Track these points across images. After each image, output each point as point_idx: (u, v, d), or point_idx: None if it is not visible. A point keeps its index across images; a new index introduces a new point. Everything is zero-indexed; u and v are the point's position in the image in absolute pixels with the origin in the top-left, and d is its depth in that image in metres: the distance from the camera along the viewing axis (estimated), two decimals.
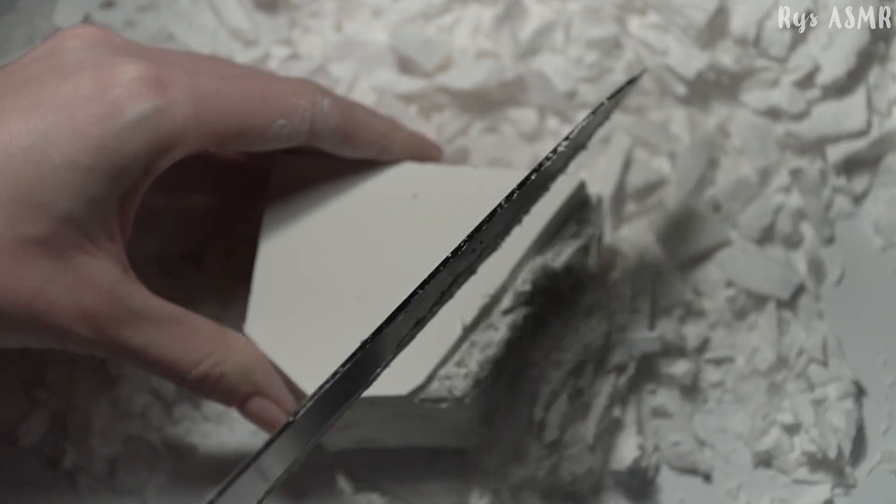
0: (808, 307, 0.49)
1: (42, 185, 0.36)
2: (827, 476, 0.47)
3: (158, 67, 0.38)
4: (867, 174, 0.52)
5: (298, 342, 0.42)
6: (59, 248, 0.37)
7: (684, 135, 0.51)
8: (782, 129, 0.51)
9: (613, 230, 0.50)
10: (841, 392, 0.47)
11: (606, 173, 0.50)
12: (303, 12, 0.54)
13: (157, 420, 0.48)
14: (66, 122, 0.37)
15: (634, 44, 0.52)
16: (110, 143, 0.37)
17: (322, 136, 0.42)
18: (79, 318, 0.38)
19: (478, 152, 0.51)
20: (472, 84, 0.50)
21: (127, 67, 0.38)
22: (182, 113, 0.38)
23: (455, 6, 0.54)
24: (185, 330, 0.40)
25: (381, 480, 0.47)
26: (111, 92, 0.37)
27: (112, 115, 0.37)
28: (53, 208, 0.36)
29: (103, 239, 0.38)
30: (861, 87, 0.52)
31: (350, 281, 0.43)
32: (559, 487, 0.46)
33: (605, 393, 0.45)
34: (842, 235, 0.51)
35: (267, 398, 0.42)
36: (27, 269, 0.36)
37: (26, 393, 0.48)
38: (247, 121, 0.40)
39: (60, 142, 0.36)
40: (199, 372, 0.40)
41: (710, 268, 0.49)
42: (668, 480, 0.47)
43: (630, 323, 0.47)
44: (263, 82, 0.41)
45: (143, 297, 0.39)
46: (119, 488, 0.47)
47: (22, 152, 0.36)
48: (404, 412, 0.43)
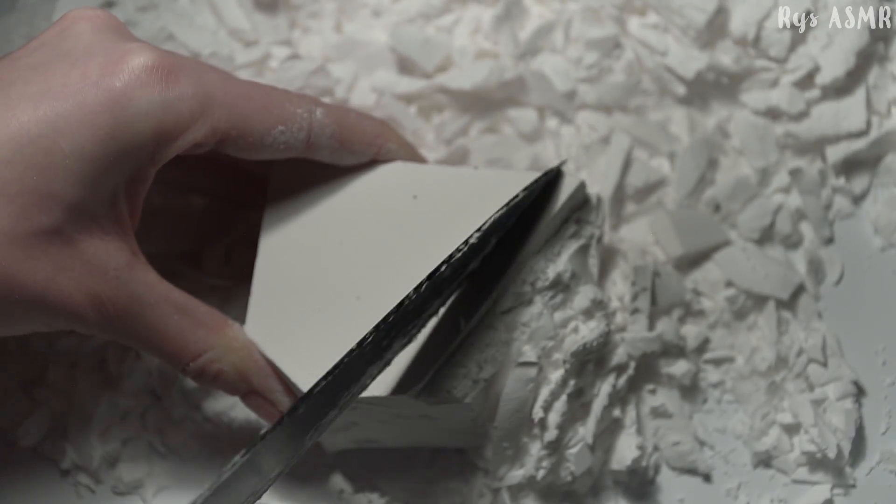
0: (808, 307, 0.49)
1: (52, 175, 0.36)
2: (826, 476, 0.47)
3: (168, 56, 0.39)
4: (866, 174, 0.52)
5: (298, 342, 0.42)
6: (68, 236, 0.37)
7: (684, 135, 0.51)
8: (782, 130, 0.51)
9: (613, 230, 0.50)
10: (840, 392, 0.47)
11: (606, 173, 0.50)
12: (303, 12, 0.54)
13: (157, 420, 0.48)
14: (76, 111, 0.36)
15: (634, 44, 0.52)
16: (118, 132, 0.37)
17: (319, 145, 0.43)
18: (87, 304, 0.38)
19: (478, 152, 0.50)
20: (472, 84, 0.50)
21: (137, 54, 0.38)
22: (189, 106, 0.38)
23: (455, 6, 0.54)
24: (188, 320, 0.40)
25: (380, 480, 0.47)
26: (120, 79, 0.37)
27: (121, 104, 0.37)
28: (63, 197, 0.36)
29: (111, 224, 0.38)
30: (860, 88, 0.52)
31: (349, 281, 0.43)
32: (559, 487, 0.46)
33: (605, 393, 0.45)
34: (841, 235, 0.51)
35: (261, 397, 0.42)
36: (39, 260, 0.37)
37: (26, 393, 0.48)
38: (249, 122, 0.40)
39: (70, 131, 0.36)
40: (197, 365, 0.40)
41: (710, 268, 0.49)
42: (668, 480, 0.47)
43: (630, 323, 0.47)
44: (264, 89, 0.41)
45: (150, 282, 0.39)
46: (119, 488, 0.47)
47: (32, 142, 0.36)
48: (404, 412, 0.43)
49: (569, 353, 0.43)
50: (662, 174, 0.50)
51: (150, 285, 0.39)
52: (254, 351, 0.42)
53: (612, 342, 0.46)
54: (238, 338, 0.41)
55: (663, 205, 0.50)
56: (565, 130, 0.51)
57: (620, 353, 0.46)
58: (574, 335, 0.44)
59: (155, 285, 0.39)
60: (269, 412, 0.42)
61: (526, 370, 0.43)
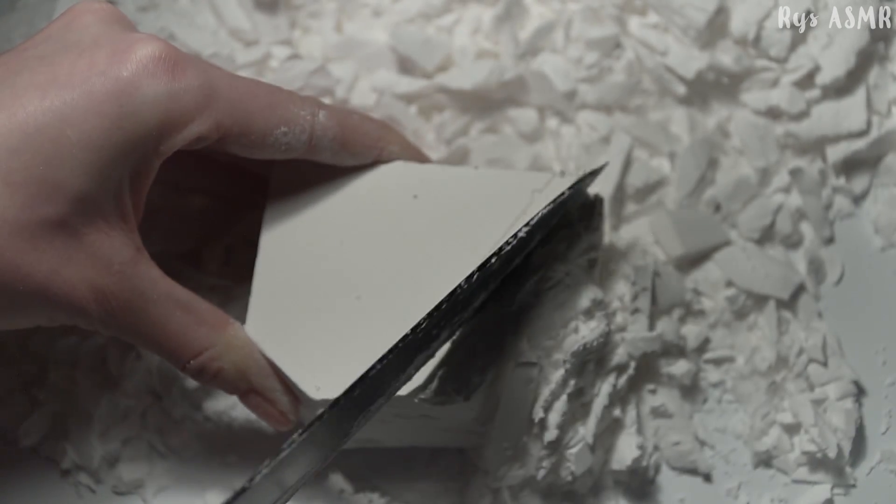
0: (808, 307, 0.49)
1: (58, 165, 0.36)
2: (827, 476, 0.47)
3: (174, 48, 0.39)
4: (867, 174, 0.52)
5: (298, 342, 0.42)
6: (74, 228, 0.37)
7: (684, 135, 0.51)
8: (782, 129, 0.51)
9: (613, 230, 0.50)
10: (841, 392, 0.47)
11: (606, 173, 0.50)
12: (303, 12, 0.54)
13: (157, 420, 0.48)
14: (82, 100, 0.36)
15: (634, 44, 0.52)
16: (124, 122, 0.37)
17: (321, 147, 0.43)
18: (91, 297, 0.38)
19: (478, 152, 0.51)
20: (472, 84, 0.50)
21: (144, 44, 0.38)
22: (195, 98, 0.38)
23: (455, 6, 0.54)
24: (190, 318, 0.40)
25: (380, 480, 0.47)
26: (127, 68, 0.37)
27: (127, 93, 0.37)
28: (69, 187, 0.36)
29: (116, 218, 0.38)
30: (861, 88, 0.52)
31: (350, 281, 0.43)
32: (559, 487, 0.46)
33: (605, 393, 0.45)
34: (841, 235, 0.51)
35: (261, 397, 0.42)
36: (44, 250, 0.36)
37: (27, 393, 0.48)
38: (252, 120, 0.40)
39: (76, 120, 0.36)
40: (198, 363, 0.40)
41: (710, 268, 0.49)
42: (668, 480, 0.47)
43: (630, 323, 0.47)
44: (269, 89, 0.41)
45: (153, 278, 0.39)
46: (119, 488, 0.47)
47: (39, 131, 0.36)
48: (404, 412, 0.43)
49: (569, 353, 0.43)
50: (662, 174, 0.50)
51: (154, 281, 0.39)
52: (254, 350, 0.42)
53: (613, 342, 0.46)
54: (239, 336, 0.41)
55: (663, 205, 0.50)
56: (565, 130, 0.51)
57: (620, 352, 0.46)
58: (574, 335, 0.44)
59: (158, 281, 0.39)
60: (268, 412, 0.42)
61: (526, 370, 0.43)
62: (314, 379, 0.40)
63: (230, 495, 0.34)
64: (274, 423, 0.43)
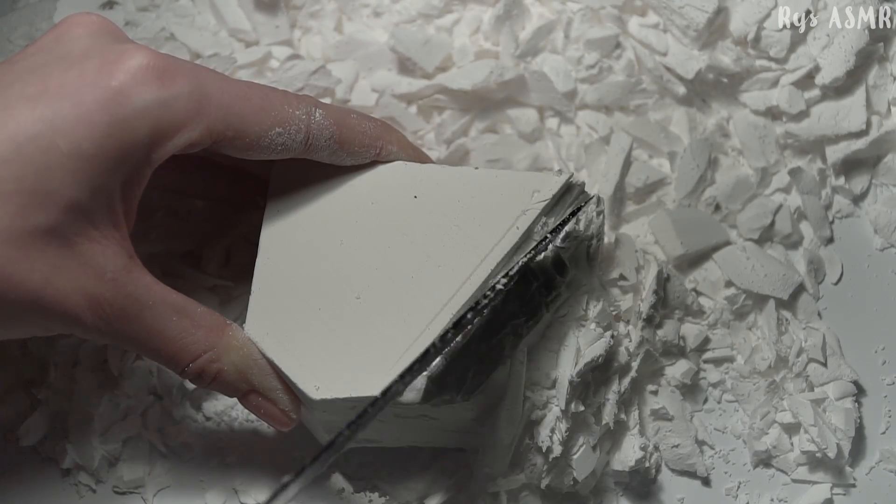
0: (808, 307, 0.49)
1: (49, 174, 0.36)
2: (826, 476, 0.47)
3: (164, 58, 0.39)
4: (866, 174, 0.52)
5: (298, 342, 0.42)
6: (65, 237, 0.37)
7: (684, 135, 0.51)
8: (782, 130, 0.51)
9: (613, 230, 0.50)
10: (840, 392, 0.47)
11: (606, 173, 0.50)
12: (303, 13, 0.54)
13: (157, 420, 0.48)
14: (72, 110, 0.36)
15: (634, 44, 0.52)
16: (115, 131, 0.37)
17: (318, 147, 0.43)
18: (85, 306, 0.38)
19: (478, 152, 0.51)
20: (473, 84, 0.50)
21: (134, 55, 0.38)
22: (185, 106, 0.38)
23: (455, 6, 0.54)
24: (186, 322, 0.40)
25: (380, 480, 0.47)
26: (117, 78, 0.37)
27: (117, 102, 0.37)
28: (60, 197, 0.36)
29: (108, 226, 0.38)
30: (860, 88, 0.52)
31: (349, 281, 0.43)
32: (560, 489, 0.46)
33: (612, 402, 0.45)
34: (841, 235, 0.51)
35: (262, 397, 0.42)
36: (36, 260, 0.36)
37: (27, 393, 0.48)
38: (245, 123, 0.40)
39: (67, 130, 0.36)
40: (197, 366, 0.40)
41: (710, 267, 0.49)
42: (668, 480, 0.47)
43: (631, 324, 0.47)
44: (263, 90, 0.41)
45: (147, 284, 0.39)
46: (119, 488, 0.47)
47: (29, 141, 0.36)
48: (404, 412, 0.43)
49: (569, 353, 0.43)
50: (662, 174, 0.50)
51: (148, 287, 0.39)
52: (253, 350, 0.42)
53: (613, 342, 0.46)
54: (237, 337, 0.41)
55: (663, 205, 0.50)
56: (565, 130, 0.52)
57: (621, 353, 0.46)
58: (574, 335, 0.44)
59: (152, 287, 0.39)
60: (269, 411, 0.42)
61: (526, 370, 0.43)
62: (314, 379, 0.40)
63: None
64: (276, 423, 0.43)
